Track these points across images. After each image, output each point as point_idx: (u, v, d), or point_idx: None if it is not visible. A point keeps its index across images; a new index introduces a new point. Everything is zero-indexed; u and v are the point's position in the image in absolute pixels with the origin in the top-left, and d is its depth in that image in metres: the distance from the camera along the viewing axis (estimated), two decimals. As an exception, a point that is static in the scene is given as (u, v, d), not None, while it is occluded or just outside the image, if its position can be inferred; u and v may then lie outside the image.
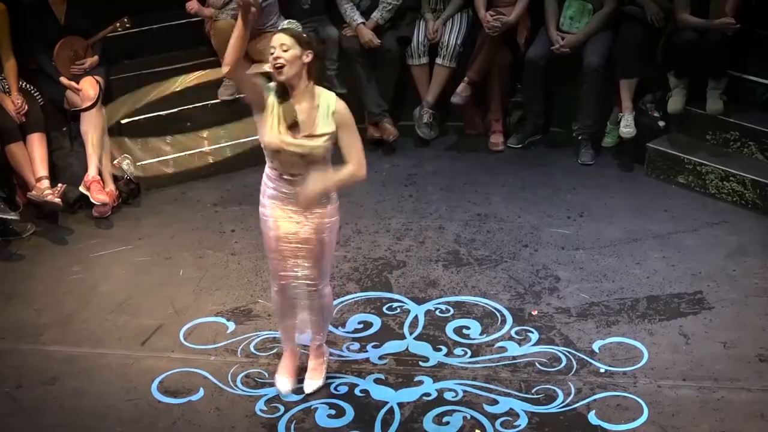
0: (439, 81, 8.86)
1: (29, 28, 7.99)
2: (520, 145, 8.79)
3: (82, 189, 7.77)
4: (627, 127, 8.20)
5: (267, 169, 5.41)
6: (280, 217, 5.38)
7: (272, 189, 5.37)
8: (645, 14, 8.21)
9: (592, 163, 8.45)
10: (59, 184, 7.79)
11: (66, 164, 8.04)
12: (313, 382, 5.86)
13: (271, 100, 5.25)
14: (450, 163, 8.62)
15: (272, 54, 5.14)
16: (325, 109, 5.25)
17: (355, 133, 5.34)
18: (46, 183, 7.72)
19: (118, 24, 8.25)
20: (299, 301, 5.66)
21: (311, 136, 5.21)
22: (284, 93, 5.23)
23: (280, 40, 5.15)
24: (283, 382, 5.86)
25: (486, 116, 8.97)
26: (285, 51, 5.12)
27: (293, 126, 5.21)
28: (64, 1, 8.01)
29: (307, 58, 5.19)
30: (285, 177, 5.30)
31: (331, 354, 6.11)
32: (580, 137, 8.52)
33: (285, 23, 5.26)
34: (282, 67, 5.13)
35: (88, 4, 8.15)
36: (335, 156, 5.34)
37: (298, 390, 5.84)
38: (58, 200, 7.63)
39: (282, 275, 5.53)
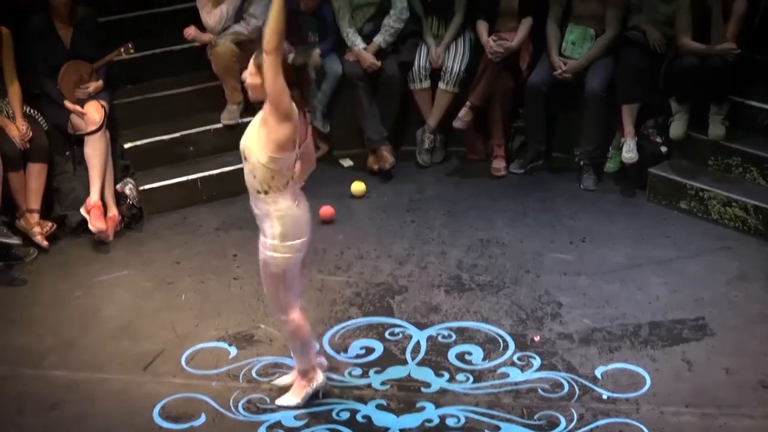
0: (442, 106, 8.89)
1: (35, 51, 8.01)
2: (522, 171, 8.80)
3: (83, 213, 7.79)
4: (629, 152, 8.21)
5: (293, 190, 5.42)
6: None
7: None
8: (647, 40, 8.24)
9: (595, 188, 8.46)
10: (49, 223, 7.84)
11: (69, 188, 8.04)
12: (289, 397, 5.91)
13: None
14: (452, 188, 8.63)
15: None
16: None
17: None
18: (36, 217, 7.82)
19: (122, 49, 8.28)
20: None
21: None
22: None
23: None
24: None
25: (488, 141, 8.98)
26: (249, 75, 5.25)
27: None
28: (70, 26, 8.05)
29: None
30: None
31: (332, 379, 6.11)
32: (582, 162, 8.53)
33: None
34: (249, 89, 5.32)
35: (93, 30, 8.19)
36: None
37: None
38: (45, 244, 7.74)
39: None
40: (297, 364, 5.87)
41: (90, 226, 7.73)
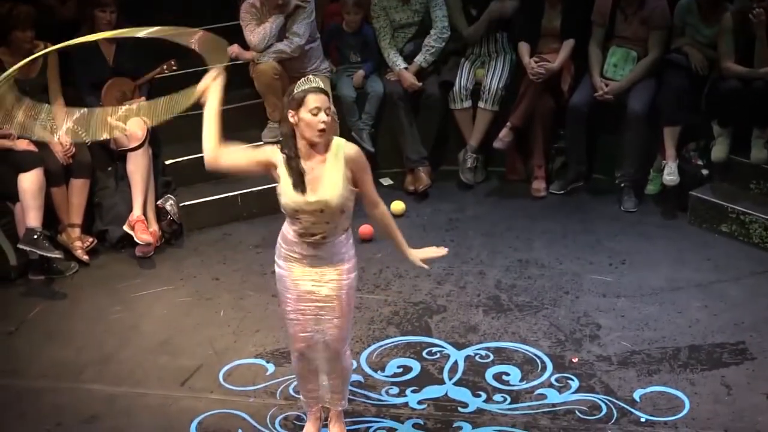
0: (482, 125, 8.90)
1: (78, 68, 8.09)
2: (562, 191, 8.77)
3: (126, 228, 7.84)
4: (670, 174, 8.17)
5: (285, 231, 5.30)
6: (298, 277, 5.25)
7: (288, 251, 5.27)
8: (689, 62, 8.21)
9: (635, 210, 8.41)
10: (90, 238, 7.93)
11: (110, 204, 8.10)
12: None
13: (279, 157, 5.14)
14: (491, 209, 8.62)
15: (316, 115, 4.96)
16: (334, 157, 5.09)
17: (370, 173, 5.27)
18: (77, 232, 7.91)
19: (165, 66, 8.33)
20: (319, 366, 5.52)
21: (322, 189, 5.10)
22: (292, 150, 5.10)
23: (325, 102, 5.00)
24: None
25: (528, 162, 8.97)
26: (328, 114, 5.00)
27: (300, 183, 5.09)
28: (113, 43, 8.12)
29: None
30: (307, 240, 5.18)
31: (369, 398, 6.12)
32: (622, 184, 8.49)
33: (317, 83, 5.08)
34: (325, 130, 5.01)
35: (136, 46, 8.24)
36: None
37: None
38: (85, 258, 7.86)
39: (302, 337, 5.38)
40: (343, 401, 5.72)
41: (137, 240, 7.78)
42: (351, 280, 5.31)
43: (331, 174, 5.08)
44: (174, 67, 8.40)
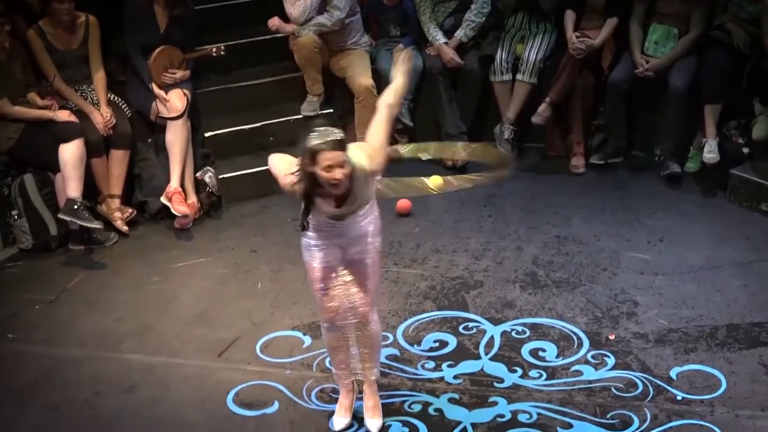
0: (520, 97, 8.84)
1: (129, 29, 8.13)
2: (601, 162, 8.70)
3: (163, 200, 7.88)
4: (710, 152, 8.11)
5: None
6: (324, 244, 5.26)
7: (315, 223, 5.20)
8: (731, 40, 8.13)
9: (680, 171, 8.35)
10: (129, 208, 7.99)
11: (150, 175, 8.15)
12: (375, 421, 5.73)
13: None
14: (529, 185, 8.59)
15: (329, 172, 4.88)
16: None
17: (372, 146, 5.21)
18: (117, 203, 7.98)
19: (214, 49, 8.35)
20: (349, 335, 5.58)
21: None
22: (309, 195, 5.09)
23: (339, 158, 4.88)
24: (339, 421, 5.75)
25: (567, 138, 8.93)
26: (342, 168, 4.90)
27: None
28: (167, 12, 8.14)
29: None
30: (333, 220, 5.20)
31: (405, 372, 6.15)
32: (663, 157, 8.42)
33: (332, 135, 4.91)
34: (338, 184, 4.94)
35: (189, 20, 8.24)
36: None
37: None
38: (125, 229, 7.92)
39: (330, 306, 5.41)
40: (375, 370, 5.74)
41: (174, 211, 7.83)
42: (376, 242, 5.36)
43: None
44: (222, 53, 8.42)
